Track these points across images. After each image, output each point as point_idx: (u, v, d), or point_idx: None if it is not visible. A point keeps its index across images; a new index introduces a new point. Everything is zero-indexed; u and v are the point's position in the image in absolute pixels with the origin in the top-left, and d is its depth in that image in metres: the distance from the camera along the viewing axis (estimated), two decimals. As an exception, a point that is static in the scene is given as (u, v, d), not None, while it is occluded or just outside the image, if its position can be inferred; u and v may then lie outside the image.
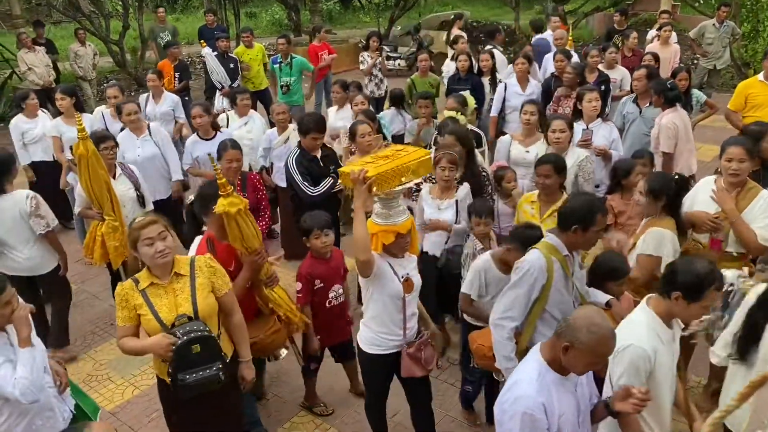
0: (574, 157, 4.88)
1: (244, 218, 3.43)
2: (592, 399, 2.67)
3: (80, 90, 11.39)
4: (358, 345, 3.66)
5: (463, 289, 3.88)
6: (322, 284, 4.01)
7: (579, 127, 5.54)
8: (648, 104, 6.07)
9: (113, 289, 5.46)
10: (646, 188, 3.83)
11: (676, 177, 3.99)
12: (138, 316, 3.12)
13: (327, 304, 4.07)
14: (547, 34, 9.51)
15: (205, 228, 3.81)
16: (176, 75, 9.21)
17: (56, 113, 6.99)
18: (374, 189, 3.15)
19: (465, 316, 4.05)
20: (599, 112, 5.62)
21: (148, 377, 4.86)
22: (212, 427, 3.37)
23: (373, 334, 3.54)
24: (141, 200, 5.41)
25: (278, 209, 6.54)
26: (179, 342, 3.02)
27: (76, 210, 5.28)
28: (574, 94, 6.54)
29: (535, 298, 3.17)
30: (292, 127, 6.27)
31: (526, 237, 3.52)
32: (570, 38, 8.68)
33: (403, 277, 3.42)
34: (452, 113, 5.52)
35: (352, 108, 6.52)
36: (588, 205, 3.14)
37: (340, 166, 5.38)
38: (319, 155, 5.28)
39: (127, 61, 14.62)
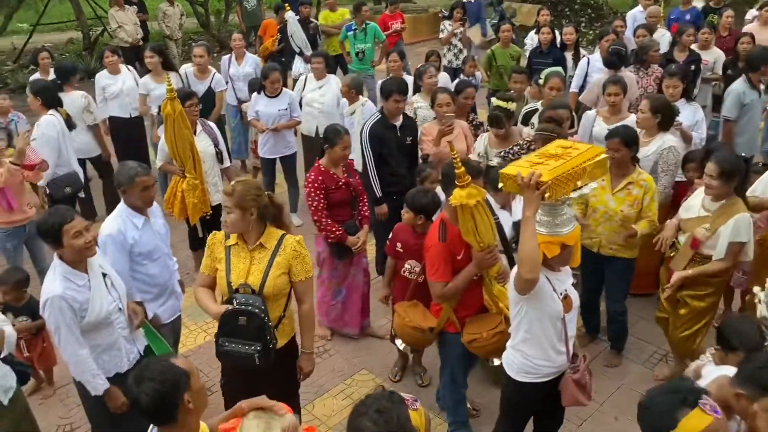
0: (658, 143, 4.71)
1: (481, 211, 3.15)
2: None
3: (166, 49, 11.78)
4: (504, 371, 3.26)
5: None
6: (401, 250, 4.05)
7: None
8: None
9: (190, 241, 5.70)
10: (718, 170, 3.68)
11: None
12: (216, 269, 3.24)
13: (401, 272, 4.11)
14: (638, 10, 9.12)
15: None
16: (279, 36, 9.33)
17: (145, 71, 7.24)
18: (547, 195, 2.72)
19: None
20: (679, 96, 5.35)
21: (219, 326, 5.06)
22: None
23: (525, 360, 3.13)
24: (219, 156, 5.58)
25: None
26: (229, 308, 3.07)
27: (158, 163, 5.48)
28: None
29: None
30: (361, 101, 6.18)
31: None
32: (662, 16, 8.32)
33: (561, 294, 3.03)
34: (501, 103, 5.25)
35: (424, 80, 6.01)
36: None
37: (417, 137, 5.37)
38: (398, 124, 5.22)
39: (211, 22, 14.95)
